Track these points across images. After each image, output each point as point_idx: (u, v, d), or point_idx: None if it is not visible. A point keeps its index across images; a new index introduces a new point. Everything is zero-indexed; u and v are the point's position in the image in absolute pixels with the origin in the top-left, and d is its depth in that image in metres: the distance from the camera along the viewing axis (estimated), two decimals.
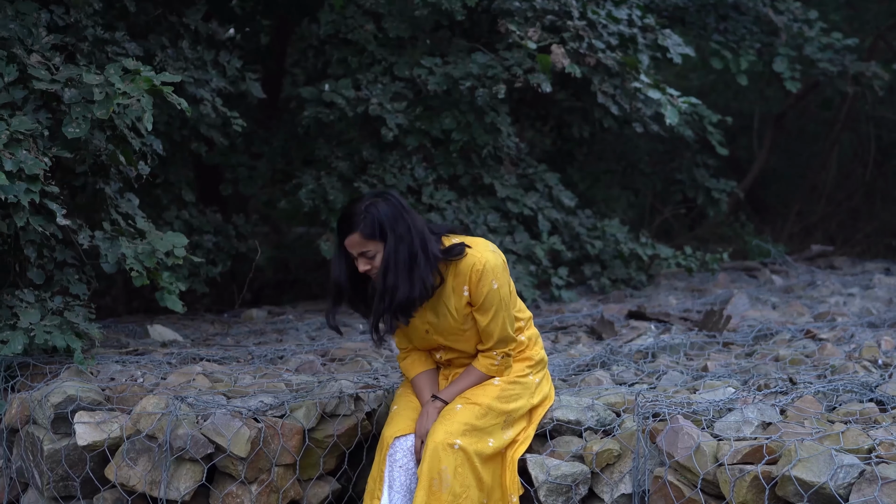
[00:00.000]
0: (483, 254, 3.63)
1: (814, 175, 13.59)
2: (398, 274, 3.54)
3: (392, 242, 3.54)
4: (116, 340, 5.51)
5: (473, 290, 3.63)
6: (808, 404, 3.79)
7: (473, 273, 3.61)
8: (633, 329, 6.02)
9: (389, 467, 3.58)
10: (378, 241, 3.55)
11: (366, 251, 3.57)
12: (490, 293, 3.62)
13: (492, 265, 3.62)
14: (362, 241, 3.56)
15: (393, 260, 3.54)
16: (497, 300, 3.64)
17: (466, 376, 3.76)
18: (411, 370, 3.86)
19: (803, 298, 7.31)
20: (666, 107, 7.10)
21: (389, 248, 3.54)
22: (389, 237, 3.54)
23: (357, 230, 3.55)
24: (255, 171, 8.05)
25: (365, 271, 3.61)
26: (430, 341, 3.80)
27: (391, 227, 3.54)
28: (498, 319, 3.66)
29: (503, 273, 3.66)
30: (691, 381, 4.44)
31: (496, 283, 3.62)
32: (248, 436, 3.83)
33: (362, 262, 3.60)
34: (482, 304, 3.64)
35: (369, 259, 3.58)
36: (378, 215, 3.54)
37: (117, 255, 4.74)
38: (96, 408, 4.01)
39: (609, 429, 3.84)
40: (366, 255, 3.58)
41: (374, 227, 3.54)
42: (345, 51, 7.40)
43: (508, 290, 3.70)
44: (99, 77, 4.39)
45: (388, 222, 3.55)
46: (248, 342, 5.75)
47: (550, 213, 7.79)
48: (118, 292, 8.75)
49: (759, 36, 9.76)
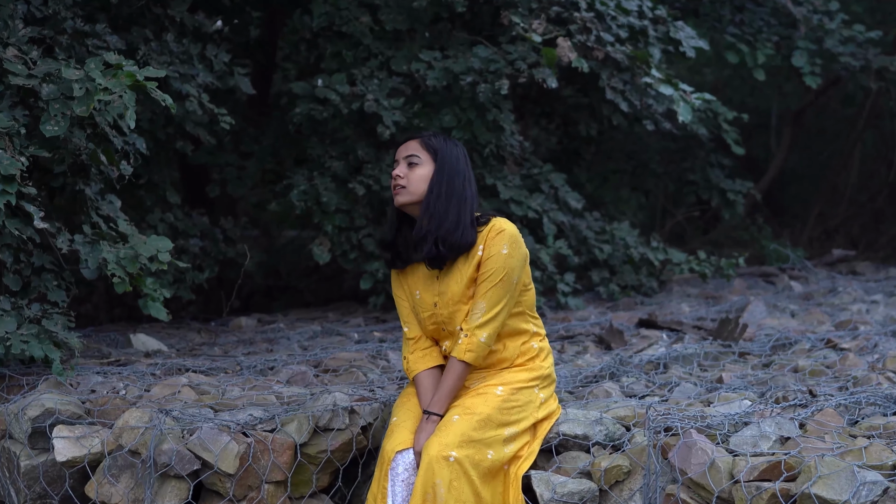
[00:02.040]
0: (507, 223, 3.75)
1: (835, 175, 13.60)
2: (448, 203, 3.69)
3: (447, 171, 3.71)
4: (97, 350, 5.51)
5: (486, 248, 3.71)
6: (828, 418, 3.79)
7: (493, 230, 3.71)
8: (643, 338, 6.02)
9: (392, 482, 3.58)
10: (430, 157, 3.73)
11: (413, 155, 3.73)
12: (497, 255, 3.68)
13: (511, 233, 3.72)
14: (417, 146, 3.75)
15: (447, 188, 3.70)
16: (499, 264, 3.68)
17: (447, 373, 3.74)
18: (418, 365, 3.85)
19: (824, 306, 7.31)
20: (678, 103, 7.10)
21: (444, 174, 3.70)
22: (446, 164, 3.71)
23: (419, 136, 3.76)
24: (243, 171, 8.06)
25: (395, 177, 3.74)
26: (437, 318, 3.81)
27: (452, 157, 3.74)
28: (491, 283, 3.69)
29: (518, 250, 3.73)
30: (705, 393, 4.44)
31: (507, 249, 3.69)
32: (236, 451, 3.83)
33: (402, 165, 3.75)
34: (486, 261, 3.70)
35: (411, 166, 3.73)
36: (444, 140, 3.75)
37: (98, 259, 4.74)
38: (76, 421, 4.01)
39: (618, 444, 3.84)
40: (409, 161, 3.73)
41: (435, 142, 3.74)
42: (339, 44, 7.41)
43: (515, 268, 3.72)
44: (79, 72, 4.39)
45: (449, 150, 3.74)
46: (236, 352, 5.75)
47: (556, 216, 7.79)
48: (99, 299, 8.75)
49: (776, 28, 9.77)
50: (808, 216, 13.33)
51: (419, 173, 3.72)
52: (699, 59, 12.36)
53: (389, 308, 7.42)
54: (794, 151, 13.98)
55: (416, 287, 3.87)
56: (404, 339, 3.95)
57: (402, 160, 3.75)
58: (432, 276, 3.82)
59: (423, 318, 3.86)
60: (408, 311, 3.92)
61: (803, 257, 10.21)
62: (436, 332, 3.87)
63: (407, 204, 3.76)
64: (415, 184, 3.73)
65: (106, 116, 4.61)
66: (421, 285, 3.85)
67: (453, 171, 3.72)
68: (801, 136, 14.00)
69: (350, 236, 7.23)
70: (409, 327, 3.92)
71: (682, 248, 10.82)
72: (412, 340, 3.91)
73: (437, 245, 3.70)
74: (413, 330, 3.91)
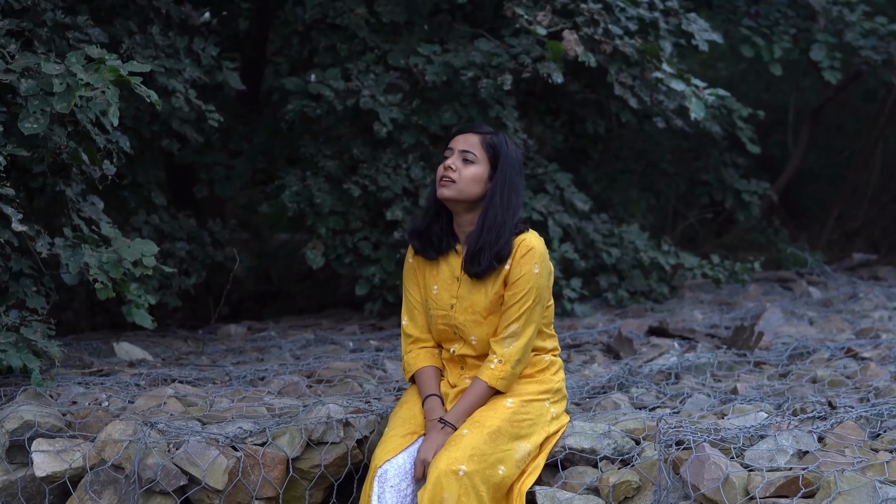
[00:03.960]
0: (537, 238, 3.80)
1: (855, 175, 13.60)
2: (506, 214, 3.75)
3: (507, 180, 3.77)
4: (79, 359, 5.51)
5: (515, 265, 3.75)
6: (849, 431, 3.79)
7: (521, 247, 3.76)
8: (653, 347, 6.03)
9: (380, 488, 3.59)
10: (488, 159, 3.77)
11: (469, 152, 3.76)
12: (529, 274, 3.74)
13: (541, 251, 3.78)
14: (478, 143, 3.78)
15: (507, 198, 3.76)
16: (531, 284, 3.74)
17: (471, 392, 3.78)
18: (417, 362, 3.91)
19: (844, 313, 7.31)
20: (691, 99, 7.10)
21: (504, 182, 3.76)
22: (505, 172, 3.76)
23: (481, 133, 3.79)
24: (232, 171, 8.06)
25: (446, 167, 3.76)
26: (450, 320, 3.85)
27: (510, 164, 3.79)
28: (524, 305, 3.75)
29: (546, 269, 3.80)
30: (719, 405, 4.44)
31: (538, 268, 3.75)
32: (225, 466, 3.83)
33: (455, 158, 3.77)
34: (517, 281, 3.75)
35: (466, 162, 3.76)
36: (507, 145, 3.80)
37: (79, 264, 4.74)
38: (56, 435, 4.01)
39: (627, 458, 3.84)
40: (465, 156, 3.76)
41: (497, 145, 3.78)
42: (333, 37, 7.41)
43: (545, 287, 3.80)
44: (59, 66, 4.39)
45: (510, 157, 3.79)
46: (225, 361, 5.76)
47: (562, 218, 7.80)
48: (80, 306, 8.75)
49: (794, 21, 9.77)
50: (827, 218, 13.32)
51: (472, 172, 3.75)
52: (713, 53, 12.38)
53: (386, 315, 7.42)
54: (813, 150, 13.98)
55: (434, 282, 3.89)
56: (402, 334, 3.97)
57: (458, 152, 3.78)
58: (454, 276, 3.85)
59: (435, 317, 3.89)
60: (413, 305, 3.95)
61: (822, 261, 10.21)
62: (444, 333, 3.89)
63: (450, 199, 3.79)
64: (465, 182, 3.76)
65: (88, 113, 4.62)
66: (441, 282, 3.88)
67: (513, 180, 3.78)
68: (820, 134, 13.99)
69: (345, 240, 7.23)
70: (410, 322, 3.94)
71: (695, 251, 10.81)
72: (410, 338, 3.94)
73: (494, 259, 3.74)
74: (413, 327, 3.94)
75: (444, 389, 3.90)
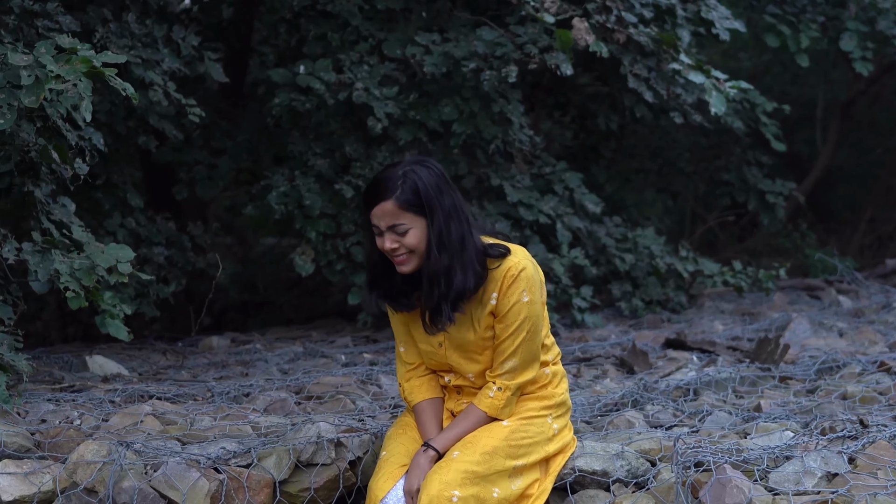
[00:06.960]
0: (522, 261, 3.70)
1: (889, 175, 13.62)
2: (452, 255, 3.63)
3: (441, 218, 3.62)
4: (48, 374, 5.51)
5: (502, 296, 3.68)
6: (881, 451, 3.79)
7: (507, 277, 3.67)
8: (670, 361, 6.03)
9: None
10: (415, 215, 3.62)
11: (398, 224, 3.63)
12: (518, 304, 3.67)
13: (528, 274, 3.69)
14: (396, 210, 3.62)
15: (446, 237, 3.62)
16: (524, 315, 3.68)
17: (465, 418, 3.77)
18: (416, 394, 3.88)
19: (876, 323, 7.31)
20: (711, 93, 7.11)
21: (438, 223, 3.62)
22: (435, 212, 3.62)
23: (391, 197, 3.61)
24: (215, 170, 8.06)
25: (390, 250, 3.65)
26: (440, 358, 3.83)
27: (436, 199, 3.63)
28: (518, 337, 3.70)
29: (538, 290, 3.73)
30: (741, 423, 4.44)
31: (528, 295, 3.68)
32: (206, 489, 3.83)
33: (390, 238, 3.65)
34: (506, 314, 3.69)
35: (399, 235, 3.63)
36: (419, 183, 3.62)
37: (49, 271, 4.74)
38: (24, 455, 4.01)
39: (642, 481, 3.84)
40: (395, 230, 3.63)
41: (413, 195, 3.61)
42: (324, 25, 7.42)
43: (539, 312, 3.74)
44: (27, 57, 4.40)
45: (432, 192, 3.63)
46: (207, 376, 5.76)
47: (571, 221, 7.81)
48: (50, 316, 8.76)
49: (822, 7, 9.79)
50: (858, 221, 13.34)
51: (413, 236, 3.63)
52: (734, 43, 12.39)
53: (381, 326, 7.42)
54: (843, 148, 14.00)
55: (418, 324, 3.84)
56: (398, 360, 3.96)
57: (386, 231, 3.65)
58: None
59: (426, 353, 3.87)
60: (404, 333, 3.92)
61: (853, 268, 10.21)
62: (439, 367, 3.88)
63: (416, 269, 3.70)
64: (415, 247, 3.65)
65: (58, 108, 4.62)
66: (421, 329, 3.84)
67: (446, 211, 3.64)
68: (851, 131, 14.01)
69: (336, 245, 7.23)
70: (406, 349, 3.92)
71: (715, 257, 10.83)
72: (409, 366, 3.92)
73: (454, 307, 3.67)
74: (410, 354, 3.92)
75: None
